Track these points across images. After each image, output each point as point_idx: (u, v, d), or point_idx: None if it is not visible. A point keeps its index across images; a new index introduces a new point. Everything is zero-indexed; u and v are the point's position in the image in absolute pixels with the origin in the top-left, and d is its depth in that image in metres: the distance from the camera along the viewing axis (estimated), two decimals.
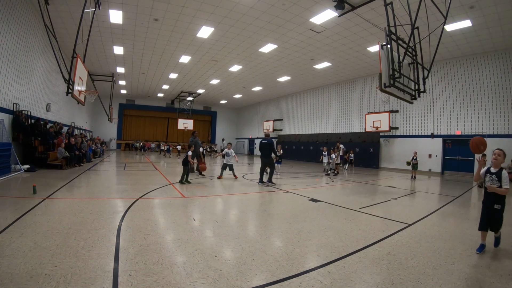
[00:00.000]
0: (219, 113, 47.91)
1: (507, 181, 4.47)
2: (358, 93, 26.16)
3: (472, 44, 16.53)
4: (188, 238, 4.63)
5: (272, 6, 13.56)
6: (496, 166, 4.62)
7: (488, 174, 4.68)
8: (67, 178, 10.93)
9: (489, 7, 12.44)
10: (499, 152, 4.59)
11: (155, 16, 14.83)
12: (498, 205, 4.52)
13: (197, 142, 14.54)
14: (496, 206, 4.53)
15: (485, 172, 4.74)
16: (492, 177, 4.61)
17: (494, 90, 17.10)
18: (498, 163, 4.59)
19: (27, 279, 2.96)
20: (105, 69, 25.86)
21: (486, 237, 4.66)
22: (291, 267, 3.65)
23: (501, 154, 4.57)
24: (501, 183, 4.49)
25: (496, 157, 4.57)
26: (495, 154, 4.60)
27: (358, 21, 14.56)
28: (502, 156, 4.58)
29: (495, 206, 4.53)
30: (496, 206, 4.53)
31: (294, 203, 8.16)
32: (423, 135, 20.71)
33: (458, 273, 3.69)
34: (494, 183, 4.55)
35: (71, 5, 13.61)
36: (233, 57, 21.39)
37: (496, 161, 4.58)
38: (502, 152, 4.59)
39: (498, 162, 4.59)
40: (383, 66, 9.41)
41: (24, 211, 5.70)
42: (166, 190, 9.29)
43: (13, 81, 12.80)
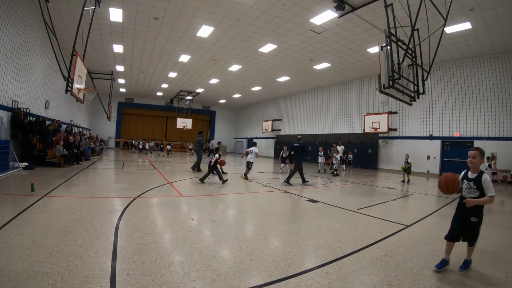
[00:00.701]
0: (218, 113, 47.90)
1: (490, 186, 3.67)
2: (357, 94, 26.16)
3: (471, 47, 16.55)
4: (186, 237, 4.63)
5: (272, 6, 13.55)
6: (474, 170, 3.85)
7: (466, 181, 3.89)
8: (65, 176, 10.91)
9: (489, 10, 12.46)
10: (474, 152, 3.85)
11: (155, 14, 14.81)
12: (475, 218, 3.76)
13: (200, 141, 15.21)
14: (473, 218, 3.76)
15: (461, 178, 3.97)
16: (469, 185, 3.82)
17: (493, 93, 17.13)
18: (475, 166, 3.83)
19: (25, 277, 2.96)
20: (104, 67, 25.81)
21: (451, 250, 3.99)
22: (289, 267, 3.66)
23: (477, 155, 3.82)
24: (481, 191, 3.72)
25: (472, 160, 3.84)
26: (469, 157, 3.88)
27: (358, 22, 14.56)
28: (479, 156, 3.81)
29: (471, 219, 3.77)
30: (473, 218, 3.76)
31: (292, 204, 8.17)
32: (422, 137, 20.73)
33: (456, 275, 3.71)
34: (472, 192, 3.78)
35: (71, 3, 13.58)
36: (233, 57, 21.38)
37: (473, 164, 3.84)
38: (478, 152, 3.83)
39: (475, 165, 3.84)
40: (383, 67, 9.43)
41: (22, 208, 5.69)
42: (164, 189, 9.29)
43: (12, 78, 12.77)
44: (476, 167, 3.84)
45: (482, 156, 3.85)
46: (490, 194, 3.67)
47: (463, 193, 3.92)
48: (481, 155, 3.83)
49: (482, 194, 3.73)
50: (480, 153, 3.83)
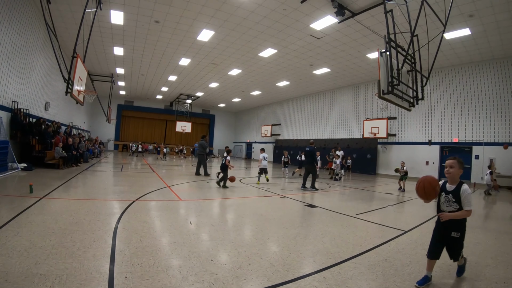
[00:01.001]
0: (217, 117, 47.96)
1: (469, 200, 3.39)
2: (356, 99, 26.23)
3: (471, 53, 16.63)
4: (184, 241, 4.62)
5: (273, 11, 13.62)
6: (453, 181, 3.54)
7: (443, 193, 3.57)
8: (64, 178, 10.90)
9: (488, 16, 12.53)
10: (451, 162, 3.54)
11: (156, 18, 14.86)
12: (457, 233, 3.48)
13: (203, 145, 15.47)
14: (454, 234, 3.48)
15: (439, 189, 3.60)
16: (448, 197, 3.52)
17: (492, 98, 17.20)
18: (453, 176, 3.53)
19: (22, 279, 2.95)
20: (104, 70, 25.86)
21: (433, 266, 3.66)
22: (287, 272, 3.65)
23: (454, 164, 3.51)
24: (460, 204, 3.42)
25: (449, 170, 3.54)
26: (447, 166, 3.57)
27: (358, 28, 14.63)
28: (457, 166, 3.50)
29: (452, 234, 3.48)
30: (454, 234, 3.48)
31: (290, 208, 8.16)
32: (421, 142, 20.77)
33: (453, 281, 3.70)
34: (451, 205, 3.48)
35: (73, 5, 13.64)
36: (233, 61, 21.43)
37: (450, 175, 3.54)
38: (455, 162, 3.52)
39: (453, 176, 3.53)
40: (382, 73, 9.45)
41: (20, 210, 5.68)
42: (163, 192, 9.28)
43: (12, 79, 12.79)
44: (455, 178, 3.53)
45: (461, 165, 3.54)
46: (467, 207, 3.38)
47: (441, 206, 3.61)
48: (459, 164, 3.52)
49: (461, 207, 3.43)
50: (458, 162, 3.53)
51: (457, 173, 3.51)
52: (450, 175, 3.54)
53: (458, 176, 3.53)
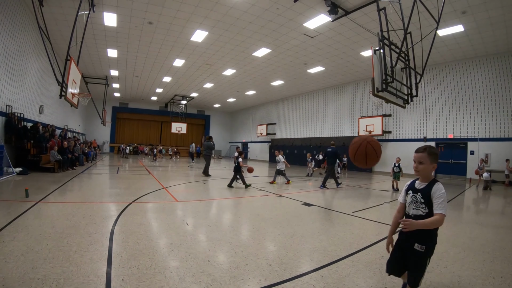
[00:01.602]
0: (212, 117, 47.91)
1: (442, 201, 2.54)
2: (351, 97, 26.30)
3: (464, 49, 16.73)
4: (181, 242, 4.62)
5: (266, 11, 13.62)
6: (424, 178, 2.75)
7: (411, 192, 2.81)
8: (59, 181, 10.85)
9: (481, 12, 12.61)
10: (419, 156, 2.72)
11: (149, 19, 14.83)
12: (421, 246, 2.59)
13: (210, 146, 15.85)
14: (417, 246, 2.61)
15: (406, 189, 2.91)
16: (416, 197, 2.73)
17: (486, 94, 17.31)
18: (424, 173, 2.71)
19: (20, 284, 2.94)
20: (98, 72, 25.76)
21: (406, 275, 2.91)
22: (284, 272, 3.66)
23: (424, 158, 2.68)
24: (430, 206, 2.60)
25: (417, 166, 2.74)
26: (415, 161, 2.77)
27: (351, 26, 14.67)
28: (428, 160, 2.67)
29: (415, 246, 2.62)
30: (417, 246, 2.61)
31: (287, 207, 8.17)
32: (416, 139, 20.86)
33: (450, 276, 3.72)
34: (419, 207, 2.68)
35: (66, 7, 13.58)
36: (227, 61, 21.43)
37: (419, 172, 2.74)
38: (425, 155, 2.68)
39: (422, 172, 2.72)
40: (376, 70, 9.49)
41: (16, 214, 5.66)
42: (159, 194, 9.26)
43: (6, 83, 12.71)
44: (426, 175, 2.72)
45: (433, 159, 2.68)
46: (439, 211, 2.50)
47: (406, 208, 2.87)
48: (430, 158, 2.66)
49: (431, 210, 2.60)
50: (429, 155, 2.67)
51: (429, 169, 2.70)
52: (420, 172, 2.74)
53: (430, 173, 2.72)
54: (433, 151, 2.72)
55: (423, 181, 2.76)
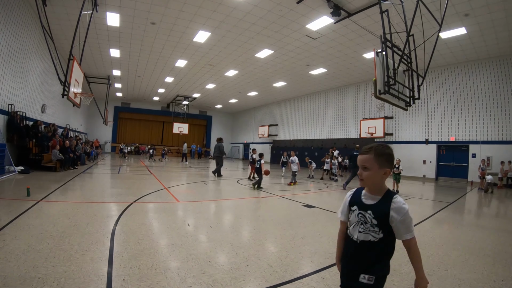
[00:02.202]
0: (214, 118, 47.90)
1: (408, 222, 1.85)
2: (353, 99, 26.27)
3: (466, 52, 16.70)
4: (182, 243, 4.62)
5: (269, 12, 13.63)
6: (373, 190, 1.96)
7: (356, 208, 2.00)
8: (61, 180, 10.86)
9: (483, 15, 12.58)
10: (364, 157, 1.93)
11: (152, 19, 14.85)
12: (369, 276, 1.85)
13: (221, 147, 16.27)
14: (364, 278, 1.86)
15: (348, 201, 2.11)
16: (363, 216, 1.93)
17: (488, 97, 17.28)
18: (371, 181, 1.93)
19: (21, 283, 2.95)
20: (101, 72, 25.80)
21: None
22: (285, 273, 3.66)
23: (368, 161, 1.89)
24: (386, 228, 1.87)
25: (361, 173, 1.94)
26: (360, 166, 1.95)
27: (354, 28, 14.66)
28: (376, 164, 1.88)
29: (361, 278, 1.87)
30: (364, 278, 1.86)
31: (288, 209, 8.17)
32: (418, 141, 20.83)
33: (451, 279, 3.71)
34: (368, 230, 1.89)
35: (69, 7, 13.61)
36: (229, 62, 21.43)
37: (364, 181, 1.95)
38: (371, 157, 1.89)
39: (369, 180, 1.93)
40: (378, 73, 9.48)
41: (17, 213, 5.67)
42: (160, 194, 9.27)
43: (9, 82, 12.74)
44: (374, 184, 1.93)
45: (383, 161, 1.87)
46: (408, 236, 1.85)
47: (349, 229, 2.03)
48: (379, 160, 1.86)
49: (388, 235, 1.87)
50: (377, 156, 1.87)
51: (377, 176, 1.89)
52: (365, 182, 1.94)
53: (381, 181, 1.91)
54: (383, 151, 1.89)
55: (373, 194, 1.93)
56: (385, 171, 1.89)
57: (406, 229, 1.84)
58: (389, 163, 1.90)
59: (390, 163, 1.91)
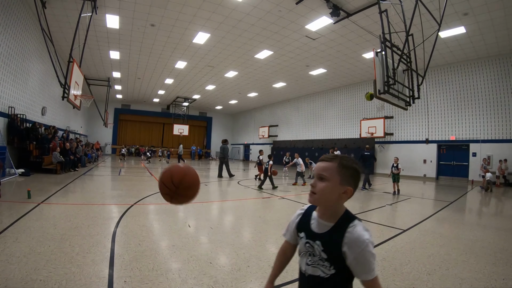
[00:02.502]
0: (214, 119, 47.90)
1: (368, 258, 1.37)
2: (353, 99, 26.26)
3: (466, 51, 16.71)
4: (183, 244, 4.62)
5: (268, 13, 13.64)
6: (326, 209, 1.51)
7: (303, 235, 1.57)
8: (61, 183, 10.87)
9: (482, 14, 12.59)
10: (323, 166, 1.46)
11: (151, 21, 14.86)
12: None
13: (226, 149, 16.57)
14: None
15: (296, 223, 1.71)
16: (312, 248, 1.49)
17: (488, 96, 17.28)
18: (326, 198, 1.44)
19: (22, 285, 2.95)
20: (101, 74, 25.81)
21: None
22: (286, 274, 3.65)
23: (330, 170, 1.42)
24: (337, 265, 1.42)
25: (315, 182, 1.46)
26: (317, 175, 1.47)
27: (353, 28, 14.67)
28: (337, 178, 1.41)
29: None
30: None
31: (289, 209, 8.16)
32: (418, 141, 20.83)
33: (452, 278, 3.71)
34: (318, 264, 1.46)
35: (68, 9, 13.62)
36: (229, 63, 21.45)
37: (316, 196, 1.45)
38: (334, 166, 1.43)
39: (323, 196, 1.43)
40: (378, 73, 9.50)
41: (18, 216, 5.67)
42: (161, 196, 9.24)
43: (9, 84, 12.76)
44: (328, 203, 1.47)
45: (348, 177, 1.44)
46: (369, 276, 1.41)
47: (299, 263, 1.62)
48: (342, 173, 1.43)
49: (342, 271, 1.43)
50: (341, 167, 1.43)
51: (334, 193, 1.43)
52: (317, 199, 1.47)
53: (338, 201, 1.47)
54: (351, 164, 1.46)
55: (325, 219, 1.49)
56: (346, 189, 1.42)
57: (362, 269, 1.36)
58: (353, 181, 1.46)
59: (354, 182, 1.47)
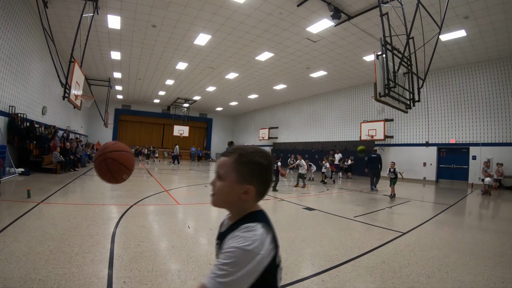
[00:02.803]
0: (214, 120, 47.87)
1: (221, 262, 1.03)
2: (353, 102, 26.26)
3: (466, 54, 16.71)
4: (182, 245, 4.62)
5: (269, 15, 13.66)
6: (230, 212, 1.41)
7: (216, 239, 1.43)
8: (61, 182, 10.88)
9: (483, 17, 12.60)
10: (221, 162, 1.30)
11: (153, 22, 14.87)
12: None
13: None
14: None
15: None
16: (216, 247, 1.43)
17: (488, 99, 17.27)
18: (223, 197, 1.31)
19: (21, 284, 2.95)
20: (102, 74, 25.82)
21: None
22: (285, 276, 3.66)
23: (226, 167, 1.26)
24: None
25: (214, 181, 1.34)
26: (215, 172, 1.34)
27: (354, 31, 14.68)
28: (233, 174, 1.24)
29: None
30: None
31: (288, 211, 8.17)
32: (418, 144, 20.81)
33: (451, 281, 3.71)
34: None
35: (70, 10, 13.63)
36: (230, 65, 21.45)
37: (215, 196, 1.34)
38: (230, 161, 1.26)
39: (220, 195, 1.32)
40: (378, 75, 9.50)
41: (18, 215, 5.67)
42: (161, 197, 9.28)
43: (10, 84, 12.77)
44: (228, 204, 1.34)
45: (245, 176, 1.23)
46: (204, 279, 1.03)
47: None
48: (239, 170, 1.23)
49: None
50: (238, 164, 1.24)
51: (231, 192, 1.26)
52: (215, 200, 1.35)
53: (239, 201, 1.28)
54: (251, 158, 1.26)
55: (231, 217, 1.39)
56: (246, 189, 1.23)
57: (214, 267, 1.05)
58: (256, 178, 1.25)
59: (258, 179, 1.26)
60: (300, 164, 14.32)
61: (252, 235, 1.12)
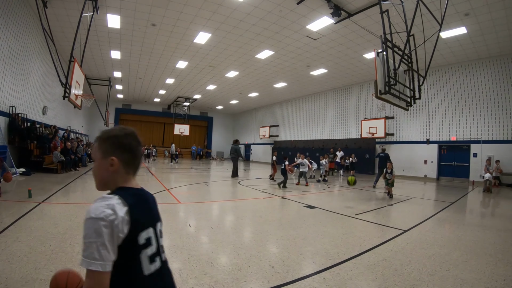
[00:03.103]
0: (215, 119, 47.85)
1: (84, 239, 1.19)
2: (354, 100, 26.23)
3: (467, 51, 16.68)
4: (183, 244, 4.62)
5: (269, 13, 13.63)
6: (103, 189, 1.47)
7: None
8: (62, 182, 10.88)
9: (484, 14, 12.57)
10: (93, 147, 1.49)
11: (152, 21, 14.85)
12: None
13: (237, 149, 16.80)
14: None
15: None
16: None
17: (489, 96, 17.24)
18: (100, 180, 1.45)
19: (22, 284, 2.96)
20: (102, 73, 25.80)
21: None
22: (287, 274, 3.66)
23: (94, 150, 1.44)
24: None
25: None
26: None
27: (354, 28, 14.66)
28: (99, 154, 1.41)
29: None
30: None
31: (289, 210, 8.17)
32: (419, 141, 20.79)
33: (453, 279, 3.70)
34: None
35: (69, 9, 13.61)
36: (230, 63, 21.43)
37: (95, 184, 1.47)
38: (95, 145, 1.44)
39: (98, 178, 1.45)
40: (379, 73, 9.48)
41: (19, 215, 5.68)
42: (161, 195, 9.27)
43: (10, 84, 12.76)
44: (103, 183, 1.45)
45: (106, 148, 1.39)
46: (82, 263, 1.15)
47: None
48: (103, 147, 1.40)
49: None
50: (100, 142, 1.42)
51: (102, 169, 1.41)
52: (95, 184, 1.46)
53: (112, 175, 1.41)
54: (108, 134, 1.42)
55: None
56: (110, 161, 1.36)
57: (83, 248, 1.17)
58: (114, 150, 1.38)
59: (117, 150, 1.38)
60: (303, 163, 14.33)
61: (101, 205, 1.22)
